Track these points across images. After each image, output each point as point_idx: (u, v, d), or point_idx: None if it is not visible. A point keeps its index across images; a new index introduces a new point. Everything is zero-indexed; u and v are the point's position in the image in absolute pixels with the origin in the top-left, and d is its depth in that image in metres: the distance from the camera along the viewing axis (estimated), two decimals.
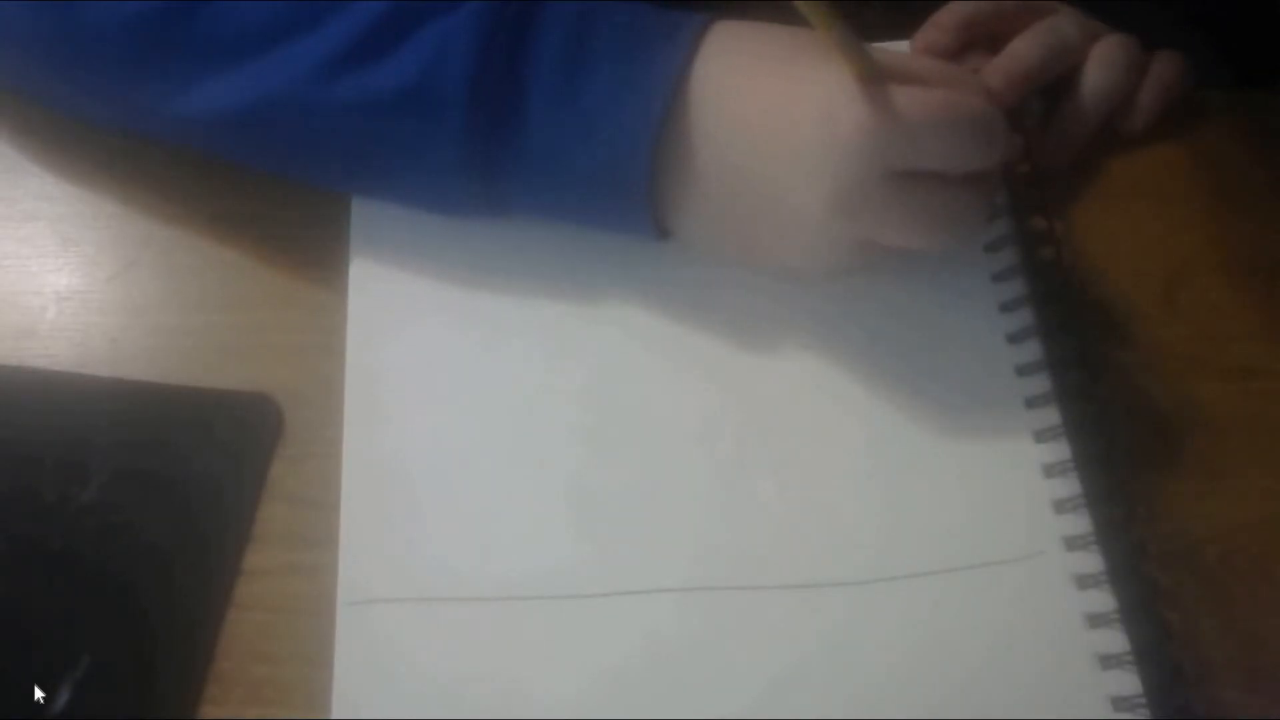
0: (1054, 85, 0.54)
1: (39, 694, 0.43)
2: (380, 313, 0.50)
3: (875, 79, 0.43)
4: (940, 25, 0.54)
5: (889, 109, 0.43)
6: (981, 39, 0.54)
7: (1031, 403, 0.48)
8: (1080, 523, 0.46)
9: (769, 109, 0.45)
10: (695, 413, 0.49)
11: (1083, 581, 0.45)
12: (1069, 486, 0.46)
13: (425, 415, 0.48)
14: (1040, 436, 0.47)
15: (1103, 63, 0.54)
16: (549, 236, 0.50)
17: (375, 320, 0.50)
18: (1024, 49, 0.53)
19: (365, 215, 0.52)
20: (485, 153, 0.46)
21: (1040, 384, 0.48)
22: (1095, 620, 0.44)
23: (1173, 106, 0.55)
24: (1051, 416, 0.48)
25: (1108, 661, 0.43)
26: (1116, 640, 0.44)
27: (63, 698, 0.43)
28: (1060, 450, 0.47)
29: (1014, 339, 0.49)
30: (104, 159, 0.54)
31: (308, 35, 0.46)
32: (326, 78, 0.46)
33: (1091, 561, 0.45)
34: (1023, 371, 0.49)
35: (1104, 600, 0.44)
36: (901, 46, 0.55)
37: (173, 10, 0.46)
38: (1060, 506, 0.46)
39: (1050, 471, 0.47)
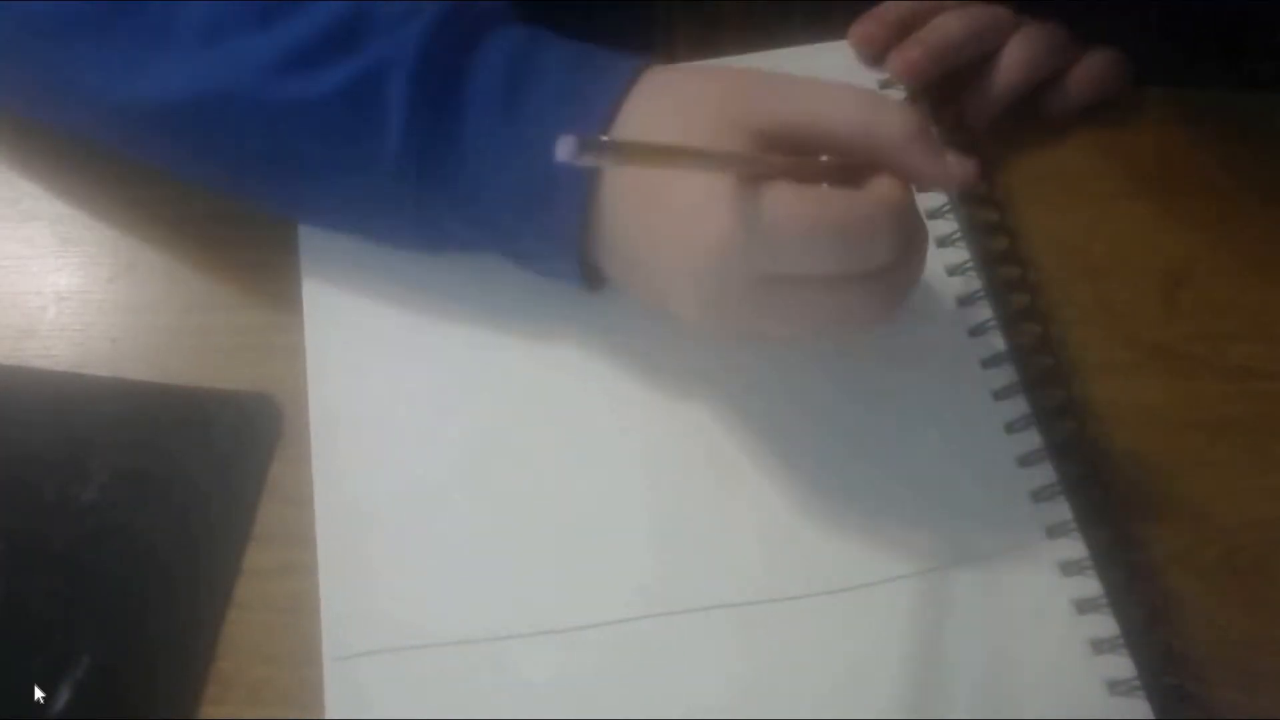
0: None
1: (39, 694, 0.43)
2: (337, 352, 0.49)
3: (751, 179, 0.40)
4: (878, 18, 0.55)
5: (752, 217, 0.40)
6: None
7: (999, 395, 0.48)
8: (1059, 510, 0.46)
9: (656, 190, 0.43)
10: (670, 430, 0.48)
11: (1068, 568, 0.45)
12: (1045, 475, 0.47)
13: (389, 457, 0.48)
14: (1011, 427, 0.48)
15: (1024, 41, 0.55)
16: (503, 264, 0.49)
17: (333, 362, 0.49)
18: (946, 23, 0.54)
19: (315, 248, 0.51)
20: (420, 157, 0.46)
21: (1008, 374, 0.48)
22: (1084, 605, 0.44)
23: (1105, 98, 0.56)
24: (1022, 406, 0.48)
25: (1100, 646, 0.44)
26: (1107, 624, 0.44)
27: (63, 698, 0.43)
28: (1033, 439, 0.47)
29: (988, 364, 0.49)
30: (104, 159, 0.54)
31: (257, 33, 0.46)
32: (274, 76, 0.46)
33: (1075, 548, 0.45)
34: (987, 363, 0.49)
35: (1091, 586, 0.45)
36: (839, 45, 0.55)
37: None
38: (1038, 495, 0.46)
39: (1025, 461, 0.47)
